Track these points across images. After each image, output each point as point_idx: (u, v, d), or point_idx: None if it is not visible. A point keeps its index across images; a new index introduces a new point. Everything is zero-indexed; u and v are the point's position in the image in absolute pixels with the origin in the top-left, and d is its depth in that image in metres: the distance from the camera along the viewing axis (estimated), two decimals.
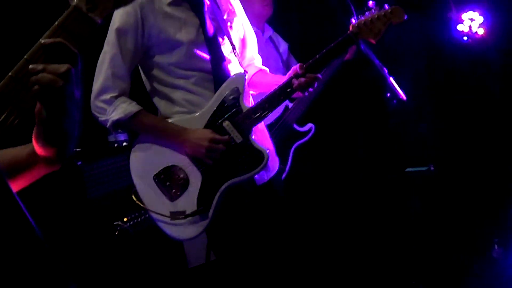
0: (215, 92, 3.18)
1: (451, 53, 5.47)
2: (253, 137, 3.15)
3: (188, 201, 3.12)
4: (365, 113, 5.69)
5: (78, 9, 1.59)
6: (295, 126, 4.50)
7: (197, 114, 3.18)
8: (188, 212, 3.10)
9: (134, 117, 3.12)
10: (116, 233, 4.14)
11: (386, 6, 3.32)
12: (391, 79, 4.17)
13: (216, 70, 3.19)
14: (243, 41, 3.45)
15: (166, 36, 3.13)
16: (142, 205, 3.17)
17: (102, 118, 3.14)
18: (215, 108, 3.16)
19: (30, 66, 1.51)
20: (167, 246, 4.00)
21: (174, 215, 3.11)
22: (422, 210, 5.05)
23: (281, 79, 3.27)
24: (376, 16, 3.27)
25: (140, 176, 3.20)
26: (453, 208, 5.28)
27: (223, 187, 3.10)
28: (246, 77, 3.23)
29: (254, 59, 3.54)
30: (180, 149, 3.15)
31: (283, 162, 4.36)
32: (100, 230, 4.11)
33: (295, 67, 3.21)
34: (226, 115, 3.15)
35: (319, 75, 3.20)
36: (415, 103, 4.94)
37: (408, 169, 5.16)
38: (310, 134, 4.51)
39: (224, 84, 3.17)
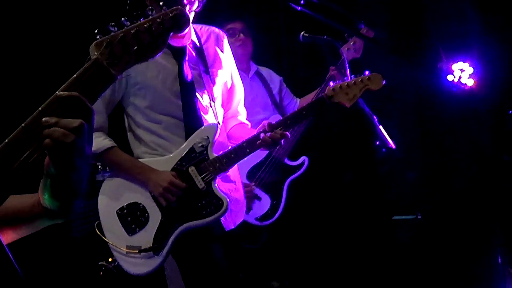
0: (185, 139, 3.29)
1: (441, 103, 5.54)
2: (216, 184, 3.23)
3: (145, 237, 3.19)
4: (355, 160, 5.73)
5: (99, 63, 1.61)
6: (286, 160, 4.52)
7: (166, 157, 3.29)
8: (143, 247, 3.16)
9: (107, 152, 3.23)
10: (101, 273, 4.12)
11: (367, 72, 3.43)
12: (381, 127, 4.21)
13: (188, 118, 3.31)
14: (229, 93, 3.56)
15: (143, 79, 3.25)
16: (102, 237, 3.22)
17: None
18: (183, 154, 3.26)
19: (43, 119, 1.50)
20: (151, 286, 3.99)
21: (130, 249, 3.18)
22: (408, 256, 5.06)
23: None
24: (353, 82, 3.40)
25: (105, 209, 3.27)
26: (439, 256, 5.28)
27: (179, 229, 3.18)
28: (218, 128, 3.32)
29: (238, 113, 3.64)
30: (145, 187, 3.24)
31: (277, 198, 4.39)
32: (85, 269, 4.09)
33: (264, 123, 3.30)
34: (193, 162, 3.25)
35: (287, 133, 3.27)
36: (404, 152, 4.97)
37: (395, 217, 5.18)
38: (304, 167, 4.51)
39: (196, 132, 3.27)
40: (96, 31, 1.69)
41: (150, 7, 1.74)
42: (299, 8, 2.88)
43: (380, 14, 5.83)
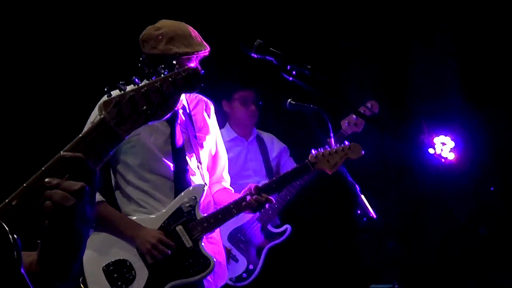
0: (174, 198, 3.35)
1: (422, 174, 5.64)
2: (202, 244, 3.29)
3: None
4: (336, 228, 5.77)
5: (106, 122, 1.57)
6: (269, 227, 4.53)
7: (153, 216, 3.34)
8: None
9: (95, 206, 3.22)
10: None
11: (346, 142, 3.68)
12: (363, 197, 4.27)
13: (178, 179, 3.39)
14: (214, 159, 3.65)
15: (136, 138, 3.33)
16: None
17: None
18: (171, 213, 3.32)
19: (46, 180, 1.47)
20: None
21: None
22: None
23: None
24: (335, 150, 3.62)
25: (91, 264, 3.27)
26: None
27: (166, 286, 3.20)
28: (205, 188, 3.40)
29: (222, 178, 3.72)
30: (132, 244, 3.27)
31: (254, 263, 4.40)
32: None
33: (251, 186, 3.40)
34: (180, 220, 3.31)
35: (271, 198, 3.36)
36: (384, 222, 5.03)
37: (372, 286, 5.19)
38: (286, 235, 4.53)
39: (183, 192, 3.35)
40: (106, 89, 1.67)
41: (162, 66, 1.68)
42: (291, 78, 2.96)
43: (364, 86, 5.98)
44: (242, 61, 4.95)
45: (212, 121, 3.63)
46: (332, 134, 4.07)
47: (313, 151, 3.61)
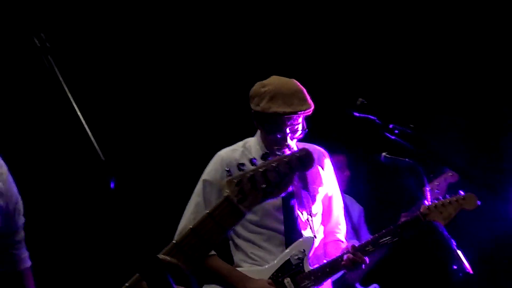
0: (283, 251, 3.47)
1: None
2: None
3: None
4: (430, 282, 5.73)
5: (230, 200, 1.76)
6: (357, 285, 4.55)
7: (263, 268, 3.45)
8: None
9: (207, 259, 3.37)
10: None
11: (461, 192, 3.63)
12: (459, 252, 4.26)
13: (288, 232, 3.50)
14: (328, 209, 3.72)
15: None
16: None
17: None
18: (280, 265, 3.43)
19: None
20: None
21: None
22: None
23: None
24: (448, 201, 3.59)
25: None
26: None
27: None
28: (315, 241, 3.49)
29: (337, 229, 3.77)
30: None
31: None
32: None
33: (348, 245, 3.47)
34: (289, 273, 3.41)
35: (366, 259, 3.40)
36: (480, 278, 4.98)
37: None
38: None
39: (293, 245, 3.46)
40: (227, 169, 1.87)
41: (277, 147, 1.90)
42: (393, 137, 3.06)
43: (458, 142, 5.97)
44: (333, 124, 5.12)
45: (326, 172, 3.67)
46: (427, 187, 4.08)
47: (426, 202, 3.59)
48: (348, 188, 5.19)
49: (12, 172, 2.24)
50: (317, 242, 3.53)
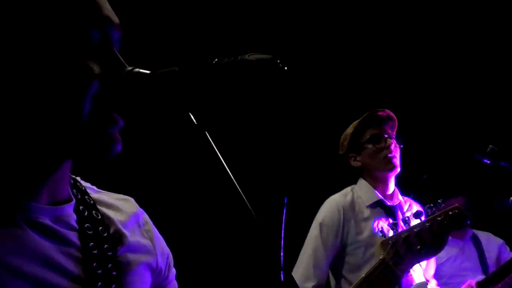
0: None
1: None
2: None
3: None
4: None
5: (385, 262, 1.76)
6: None
7: None
8: None
9: None
10: None
11: None
12: None
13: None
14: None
15: (362, 237, 3.35)
16: None
17: None
18: None
19: None
20: None
21: None
22: None
23: None
24: None
25: None
26: None
27: None
28: (428, 287, 3.34)
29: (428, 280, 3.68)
30: None
31: None
32: None
33: (470, 282, 3.47)
34: None
35: None
36: None
37: None
38: None
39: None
40: (380, 228, 1.88)
41: (430, 205, 1.81)
42: (489, 161, 2.89)
43: None
44: None
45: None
46: None
47: None
48: None
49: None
50: None
